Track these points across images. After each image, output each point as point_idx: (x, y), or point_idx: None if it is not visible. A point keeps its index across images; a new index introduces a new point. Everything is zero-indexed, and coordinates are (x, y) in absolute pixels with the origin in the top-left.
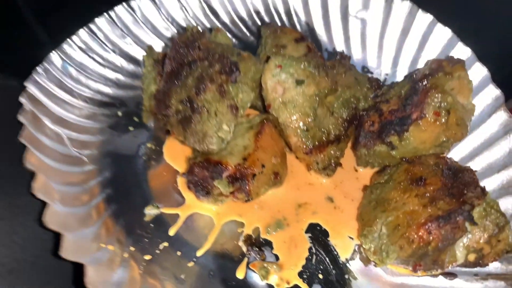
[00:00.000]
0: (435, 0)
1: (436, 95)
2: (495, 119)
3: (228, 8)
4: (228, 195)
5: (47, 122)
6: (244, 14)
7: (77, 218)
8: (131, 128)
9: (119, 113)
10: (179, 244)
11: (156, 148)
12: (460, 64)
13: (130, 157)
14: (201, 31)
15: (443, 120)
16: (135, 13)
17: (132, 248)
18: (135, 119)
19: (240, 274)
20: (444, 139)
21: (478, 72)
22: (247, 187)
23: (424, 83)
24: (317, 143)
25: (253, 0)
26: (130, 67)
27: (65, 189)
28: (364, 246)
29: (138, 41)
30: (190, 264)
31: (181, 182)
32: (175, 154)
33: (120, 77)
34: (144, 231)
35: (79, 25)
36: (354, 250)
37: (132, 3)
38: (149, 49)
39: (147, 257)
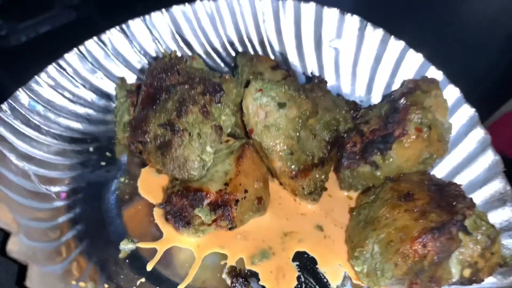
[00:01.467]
0: (406, 27)
1: (417, 111)
2: (472, 136)
3: (202, 40)
4: (210, 224)
5: (12, 158)
6: (218, 45)
7: (44, 253)
8: (103, 163)
9: (91, 149)
10: (158, 279)
11: (130, 182)
12: (434, 83)
13: (102, 193)
14: (179, 56)
15: (425, 135)
16: (106, 46)
17: (106, 286)
18: (108, 154)
19: None
20: (427, 156)
21: (451, 93)
22: (230, 214)
23: (403, 101)
24: (302, 166)
25: (227, 31)
26: (101, 102)
27: (31, 224)
28: (356, 269)
29: (109, 75)
30: None
31: (158, 215)
32: (151, 187)
33: (91, 112)
34: (119, 267)
35: (48, 62)
36: (345, 277)
37: (103, 37)
38: (121, 81)
39: None
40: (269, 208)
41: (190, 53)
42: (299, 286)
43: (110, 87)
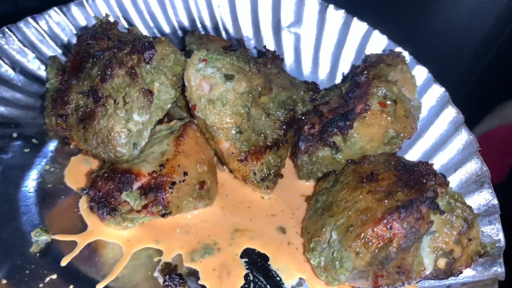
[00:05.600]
0: (369, 8)
1: (379, 84)
2: (444, 117)
3: (150, 24)
4: (140, 211)
5: None
6: (168, 31)
7: None
8: (26, 150)
9: (14, 135)
10: (73, 276)
11: (56, 171)
12: (400, 57)
13: (19, 180)
14: (112, 21)
15: (391, 110)
16: (42, 29)
17: (4, 282)
18: (34, 141)
19: None
20: (394, 134)
21: (419, 74)
22: (164, 198)
23: (365, 75)
24: (253, 147)
25: (178, 17)
26: (33, 87)
27: None
28: (312, 263)
29: (43, 58)
30: None
31: (83, 207)
32: (79, 176)
33: (20, 96)
34: (26, 262)
35: None
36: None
37: (39, 18)
38: (53, 60)
39: None
40: (232, 209)
41: None
42: (246, 285)
43: (43, 71)
